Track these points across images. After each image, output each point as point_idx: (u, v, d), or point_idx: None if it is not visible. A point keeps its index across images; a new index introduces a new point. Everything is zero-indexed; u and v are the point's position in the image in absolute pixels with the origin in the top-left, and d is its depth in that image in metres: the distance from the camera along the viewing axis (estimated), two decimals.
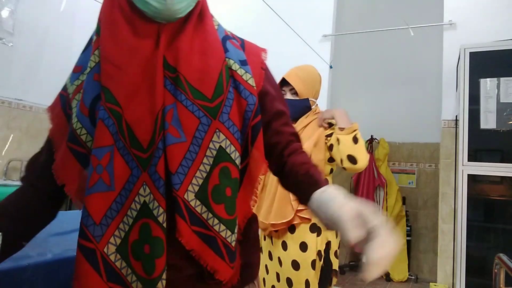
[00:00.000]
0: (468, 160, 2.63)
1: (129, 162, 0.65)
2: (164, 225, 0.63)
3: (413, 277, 3.99)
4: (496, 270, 1.54)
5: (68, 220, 1.76)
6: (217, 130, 0.67)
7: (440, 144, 3.29)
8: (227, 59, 0.72)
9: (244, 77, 0.73)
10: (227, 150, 0.67)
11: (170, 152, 0.64)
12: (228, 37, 0.77)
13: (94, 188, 0.64)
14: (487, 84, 2.65)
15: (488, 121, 2.61)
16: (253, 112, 0.72)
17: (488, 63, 2.71)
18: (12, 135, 3.75)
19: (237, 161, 0.68)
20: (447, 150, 3.19)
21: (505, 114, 2.58)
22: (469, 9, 3.24)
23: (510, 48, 2.64)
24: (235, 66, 0.73)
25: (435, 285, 3.05)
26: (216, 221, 0.66)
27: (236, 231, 0.69)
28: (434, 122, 3.90)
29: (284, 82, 1.65)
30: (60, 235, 1.38)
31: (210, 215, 0.66)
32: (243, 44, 0.79)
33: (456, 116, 3.06)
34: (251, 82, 0.73)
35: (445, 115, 3.28)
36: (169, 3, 0.63)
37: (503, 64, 2.67)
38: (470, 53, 2.72)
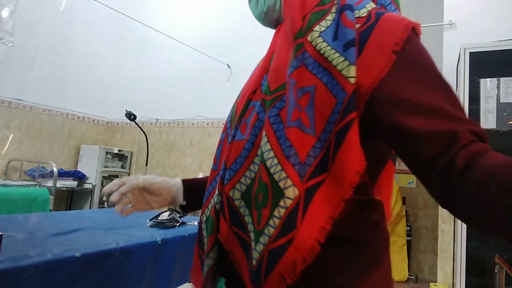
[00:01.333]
0: None
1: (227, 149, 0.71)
2: (217, 206, 0.66)
3: (413, 277, 3.99)
4: (496, 270, 1.54)
5: (67, 220, 1.76)
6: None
7: None
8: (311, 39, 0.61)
9: (339, 66, 0.56)
10: (262, 148, 0.59)
11: (232, 147, 0.66)
12: (345, 10, 0.60)
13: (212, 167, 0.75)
14: (487, 84, 2.65)
15: (488, 121, 2.61)
16: (339, 114, 0.55)
17: (488, 63, 2.71)
18: (12, 135, 3.75)
19: (269, 163, 0.57)
20: None
21: (505, 114, 2.58)
22: (469, 9, 3.25)
23: (510, 48, 2.65)
24: (326, 51, 0.58)
25: (435, 285, 3.05)
26: (251, 227, 0.59)
27: (259, 249, 0.56)
28: None
29: None
30: (60, 235, 1.38)
31: (250, 219, 0.60)
32: (375, 21, 0.58)
33: None
34: (348, 72, 0.55)
35: None
36: (252, 11, 0.75)
37: (503, 64, 2.67)
38: (470, 53, 2.72)
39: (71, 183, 4.08)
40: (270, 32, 0.75)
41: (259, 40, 4.52)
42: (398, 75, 0.54)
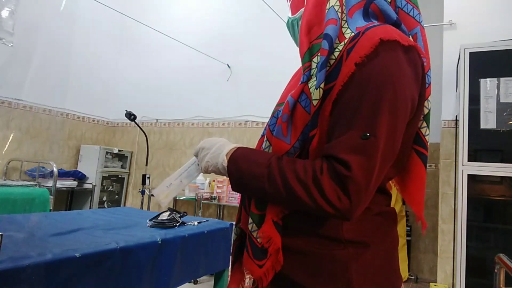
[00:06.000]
0: (468, 160, 2.63)
1: None
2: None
3: (413, 277, 3.99)
4: (496, 270, 1.54)
5: (67, 220, 1.76)
6: None
7: (440, 144, 3.28)
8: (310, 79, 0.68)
9: (311, 89, 0.66)
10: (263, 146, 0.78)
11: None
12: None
13: None
14: (487, 84, 2.65)
15: (488, 121, 2.61)
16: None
17: (488, 63, 2.71)
18: (12, 135, 3.75)
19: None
20: (447, 150, 3.19)
21: (505, 114, 2.58)
22: (469, 9, 3.24)
23: (510, 48, 2.64)
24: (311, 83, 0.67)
25: (435, 285, 3.05)
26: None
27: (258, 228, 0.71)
28: (434, 122, 3.88)
29: None
30: (60, 235, 1.38)
31: None
32: (359, 38, 0.62)
33: (456, 116, 3.06)
34: (313, 94, 0.64)
35: (445, 115, 3.28)
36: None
37: (503, 64, 2.67)
38: (470, 53, 2.72)
39: (71, 183, 4.08)
40: (269, 32, 0.76)
41: (259, 40, 4.52)
42: (350, 88, 0.60)
